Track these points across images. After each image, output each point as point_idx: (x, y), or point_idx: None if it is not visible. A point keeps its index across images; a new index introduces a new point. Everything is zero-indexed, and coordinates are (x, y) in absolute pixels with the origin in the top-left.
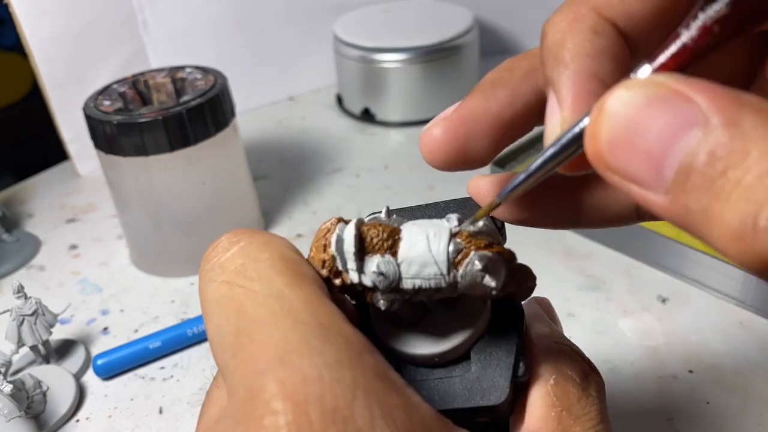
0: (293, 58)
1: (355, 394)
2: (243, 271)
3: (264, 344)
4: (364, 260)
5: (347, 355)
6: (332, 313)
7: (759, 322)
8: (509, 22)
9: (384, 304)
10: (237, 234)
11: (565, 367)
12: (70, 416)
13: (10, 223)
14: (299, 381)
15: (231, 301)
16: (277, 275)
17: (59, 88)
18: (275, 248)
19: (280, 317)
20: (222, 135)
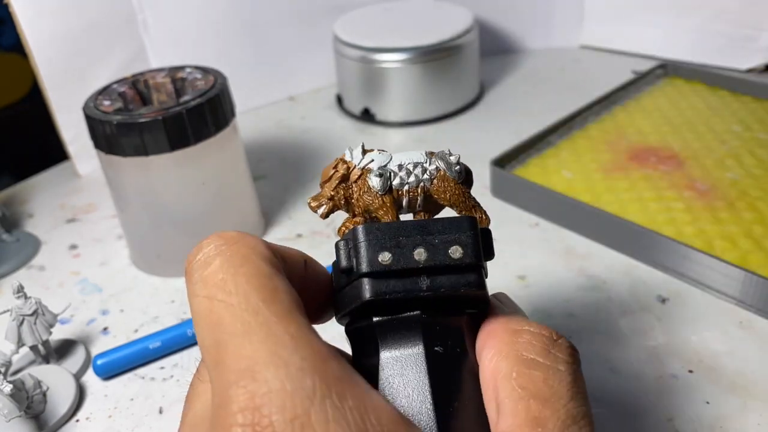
0: (293, 58)
1: (313, 400)
2: (223, 287)
3: (237, 356)
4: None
5: (310, 363)
6: (301, 326)
7: (759, 322)
8: (509, 22)
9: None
10: (218, 244)
11: (524, 350)
12: (70, 416)
13: (10, 223)
14: (265, 392)
15: (211, 315)
16: (254, 291)
17: (59, 88)
18: (253, 263)
19: (254, 330)
20: (222, 135)
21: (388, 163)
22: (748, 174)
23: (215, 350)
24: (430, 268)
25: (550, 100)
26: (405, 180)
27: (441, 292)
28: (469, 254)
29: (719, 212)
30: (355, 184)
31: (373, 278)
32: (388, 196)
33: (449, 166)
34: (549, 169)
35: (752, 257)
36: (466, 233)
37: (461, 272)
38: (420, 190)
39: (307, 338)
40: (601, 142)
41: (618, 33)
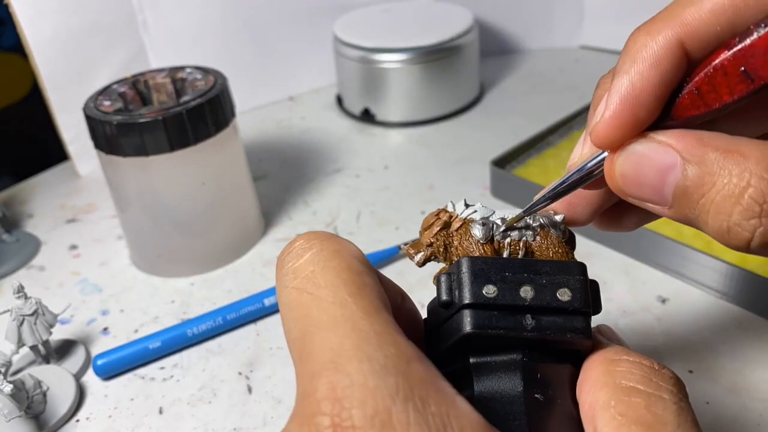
0: (293, 58)
1: (395, 400)
2: (312, 279)
3: (322, 348)
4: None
5: (394, 362)
6: (387, 323)
7: (759, 322)
8: (509, 22)
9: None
10: (310, 239)
11: (623, 378)
12: (70, 416)
13: (10, 223)
14: (347, 385)
15: (300, 307)
16: (343, 285)
17: (59, 88)
18: (343, 258)
19: (340, 324)
20: (222, 135)
21: (491, 216)
22: None
23: (301, 342)
24: (537, 308)
25: (550, 100)
26: (507, 234)
27: (546, 334)
28: (578, 299)
29: None
30: (456, 232)
31: (476, 310)
32: (488, 245)
33: (554, 225)
34: (549, 169)
35: (752, 257)
36: (575, 277)
37: (568, 316)
38: (522, 245)
39: (392, 336)
40: None
41: (618, 33)
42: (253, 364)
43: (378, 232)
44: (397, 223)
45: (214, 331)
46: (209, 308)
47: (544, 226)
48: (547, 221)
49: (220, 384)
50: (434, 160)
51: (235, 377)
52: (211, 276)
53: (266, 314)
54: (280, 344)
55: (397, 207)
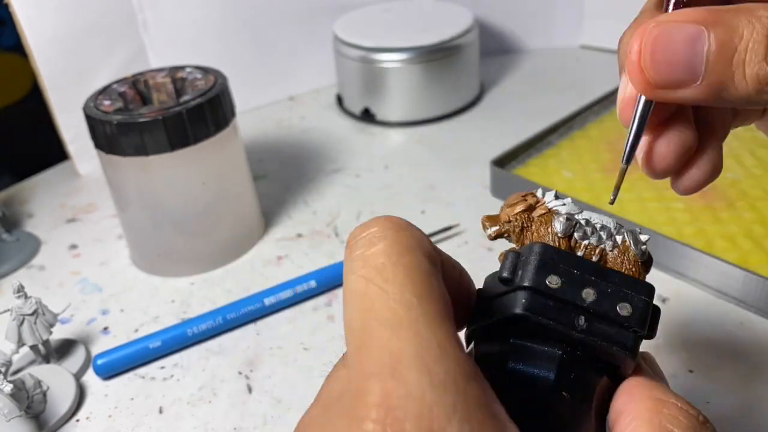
0: (293, 58)
1: (451, 420)
2: (382, 271)
3: (382, 348)
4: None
5: (453, 380)
6: (450, 336)
7: (759, 322)
8: (509, 22)
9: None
10: (386, 228)
11: (669, 423)
12: (70, 416)
13: (10, 223)
14: (403, 395)
15: (364, 298)
16: (411, 285)
17: (59, 88)
18: (415, 255)
19: (404, 326)
20: (222, 135)
21: (577, 214)
22: (748, 174)
23: (360, 333)
24: (593, 312)
25: (550, 100)
26: (587, 235)
27: (593, 340)
28: (636, 317)
29: (719, 212)
30: (538, 218)
31: (533, 294)
32: (565, 241)
33: (636, 243)
34: (549, 169)
35: (752, 257)
36: (641, 297)
37: (620, 330)
38: (598, 251)
39: (454, 350)
40: (601, 142)
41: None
42: (253, 363)
43: None
44: None
45: (214, 330)
46: (209, 308)
47: (626, 240)
48: (630, 238)
49: (220, 384)
50: (434, 160)
51: (235, 377)
52: (211, 276)
53: (266, 314)
54: (280, 344)
55: (397, 207)
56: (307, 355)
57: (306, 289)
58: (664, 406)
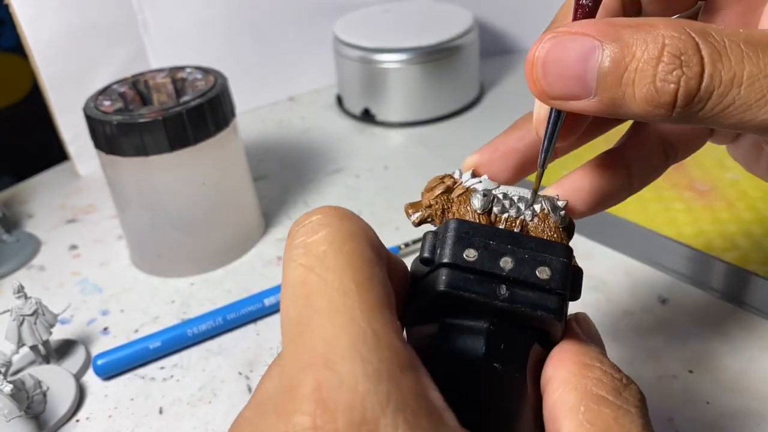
0: (293, 58)
1: (385, 411)
2: (323, 259)
3: (315, 337)
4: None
5: (388, 369)
6: (388, 324)
7: (759, 322)
8: (509, 22)
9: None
10: (329, 215)
11: (594, 386)
12: (70, 416)
13: (10, 223)
14: (335, 386)
15: (303, 286)
16: (351, 272)
17: (59, 89)
18: (358, 243)
19: (339, 313)
20: (222, 135)
21: (494, 189)
22: (748, 174)
23: (296, 324)
24: (513, 279)
25: None
26: (506, 208)
27: (517, 307)
28: (556, 279)
29: (719, 212)
30: (457, 198)
31: (453, 270)
32: (485, 217)
33: (554, 209)
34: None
35: (752, 257)
36: (558, 258)
37: (543, 294)
38: (519, 223)
39: (390, 339)
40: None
41: None
42: (253, 364)
43: (378, 232)
44: (397, 223)
45: (214, 331)
46: (209, 308)
47: (545, 208)
48: (548, 204)
49: (220, 384)
50: (434, 160)
51: (235, 377)
52: (211, 276)
53: (266, 314)
54: (280, 344)
55: (397, 207)
56: None
57: None
58: (588, 370)
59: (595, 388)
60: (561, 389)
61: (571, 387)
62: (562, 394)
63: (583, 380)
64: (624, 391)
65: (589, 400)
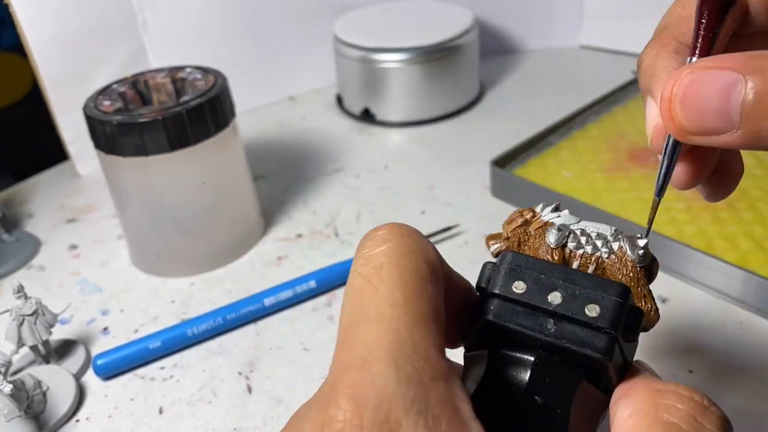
0: (293, 58)
1: (408, 412)
2: (379, 271)
3: (359, 342)
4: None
5: (419, 376)
6: (428, 335)
7: (759, 322)
8: (509, 22)
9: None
10: (392, 231)
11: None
12: (70, 416)
13: (10, 223)
14: (367, 385)
15: (359, 294)
16: (402, 285)
17: (59, 88)
18: (414, 259)
19: (384, 322)
20: (222, 135)
21: (573, 224)
22: (748, 174)
23: (347, 328)
24: (560, 315)
25: (550, 100)
26: (582, 245)
27: (562, 342)
28: (606, 317)
29: (719, 212)
30: (535, 230)
31: (501, 301)
32: (558, 251)
33: (633, 248)
34: (549, 169)
35: (752, 257)
36: (611, 297)
37: (591, 331)
38: (593, 260)
39: (427, 350)
40: (601, 142)
41: (618, 33)
42: (253, 364)
43: None
44: None
45: (214, 331)
46: (209, 308)
47: (623, 246)
48: (627, 243)
49: (220, 384)
50: (434, 160)
51: (235, 377)
52: (211, 276)
53: (266, 314)
54: (280, 344)
55: (397, 207)
56: (307, 356)
57: (306, 290)
58: (663, 396)
59: (667, 415)
60: (632, 418)
61: (642, 414)
62: (633, 423)
63: (655, 407)
64: (702, 416)
65: (659, 427)
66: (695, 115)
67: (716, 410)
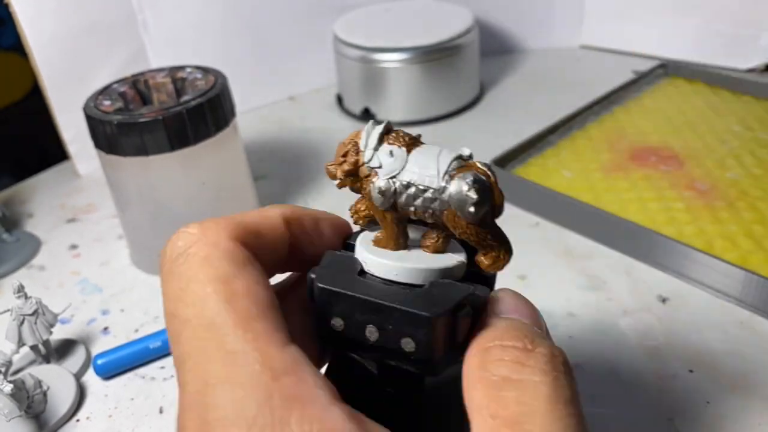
0: (293, 58)
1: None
2: (182, 298)
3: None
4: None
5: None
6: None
7: (759, 322)
8: (509, 22)
9: (378, 187)
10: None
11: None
12: (70, 416)
13: (10, 223)
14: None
15: (172, 335)
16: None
17: (59, 88)
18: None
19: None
20: (222, 135)
21: (398, 173)
22: (748, 174)
23: (178, 367)
24: (381, 348)
25: (550, 100)
26: (411, 202)
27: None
28: (421, 351)
29: (719, 212)
30: (364, 179)
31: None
32: (389, 213)
33: (461, 205)
34: (549, 169)
35: (752, 257)
36: (422, 330)
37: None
38: (427, 215)
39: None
40: (601, 142)
41: (618, 33)
42: None
43: None
44: None
45: None
46: None
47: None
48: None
49: None
50: None
51: None
52: None
53: None
54: None
55: None
56: None
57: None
58: (487, 354)
59: (496, 372)
60: (468, 389)
61: (475, 381)
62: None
63: (485, 368)
64: (528, 360)
65: (491, 389)
66: None
67: (543, 348)
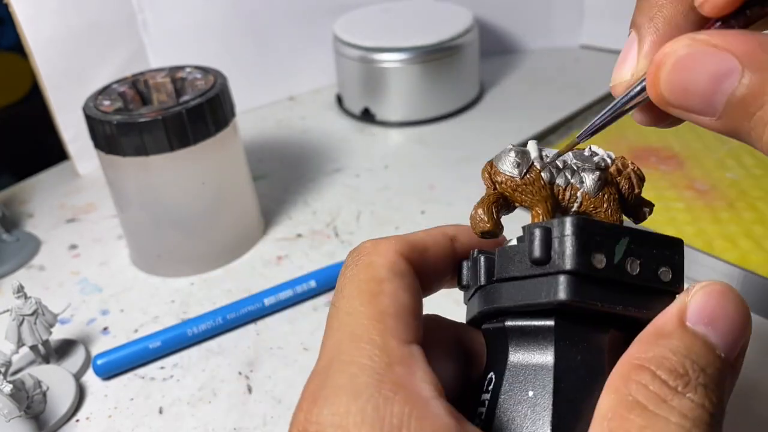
0: (293, 58)
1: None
2: (340, 292)
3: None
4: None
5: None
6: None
7: (759, 322)
8: (509, 22)
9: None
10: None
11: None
12: (70, 416)
13: (10, 223)
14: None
15: (328, 319)
16: (358, 294)
17: (59, 88)
18: (372, 268)
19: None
20: (222, 135)
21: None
22: (748, 174)
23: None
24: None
25: (550, 100)
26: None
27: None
28: (677, 280)
29: (719, 212)
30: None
31: (577, 279)
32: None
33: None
34: None
35: (752, 257)
36: (677, 256)
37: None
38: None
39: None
40: (602, 141)
41: (618, 33)
42: (253, 364)
43: (378, 232)
44: (397, 222)
45: (214, 331)
46: (209, 308)
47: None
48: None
49: (220, 384)
50: (434, 160)
51: (235, 377)
52: (211, 276)
53: (266, 314)
54: (280, 344)
55: (397, 207)
56: (307, 355)
57: (306, 290)
58: (636, 372)
59: (635, 394)
60: (605, 391)
61: (612, 388)
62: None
63: (626, 383)
64: (674, 400)
65: (621, 406)
66: (679, 92)
67: (695, 397)
